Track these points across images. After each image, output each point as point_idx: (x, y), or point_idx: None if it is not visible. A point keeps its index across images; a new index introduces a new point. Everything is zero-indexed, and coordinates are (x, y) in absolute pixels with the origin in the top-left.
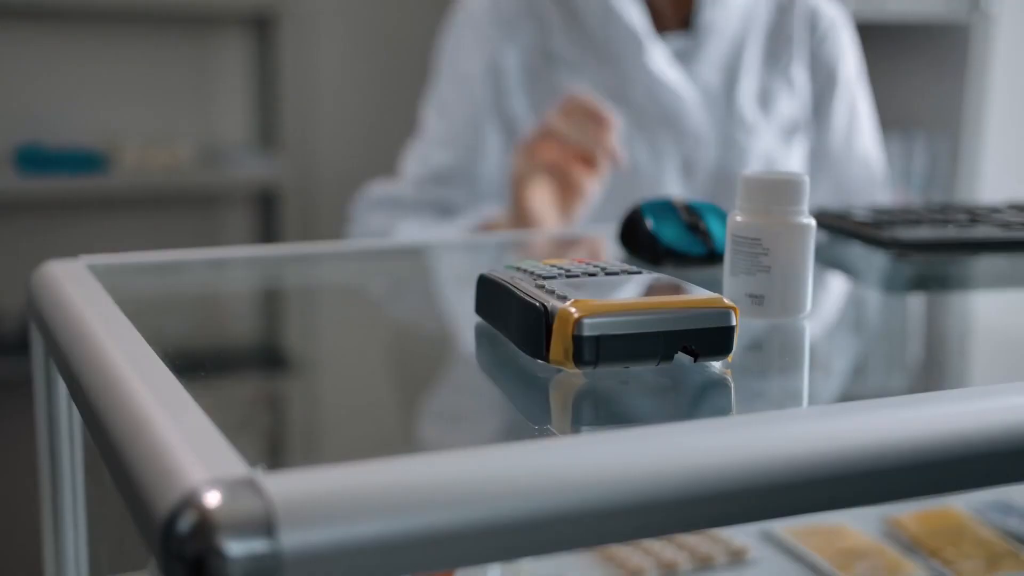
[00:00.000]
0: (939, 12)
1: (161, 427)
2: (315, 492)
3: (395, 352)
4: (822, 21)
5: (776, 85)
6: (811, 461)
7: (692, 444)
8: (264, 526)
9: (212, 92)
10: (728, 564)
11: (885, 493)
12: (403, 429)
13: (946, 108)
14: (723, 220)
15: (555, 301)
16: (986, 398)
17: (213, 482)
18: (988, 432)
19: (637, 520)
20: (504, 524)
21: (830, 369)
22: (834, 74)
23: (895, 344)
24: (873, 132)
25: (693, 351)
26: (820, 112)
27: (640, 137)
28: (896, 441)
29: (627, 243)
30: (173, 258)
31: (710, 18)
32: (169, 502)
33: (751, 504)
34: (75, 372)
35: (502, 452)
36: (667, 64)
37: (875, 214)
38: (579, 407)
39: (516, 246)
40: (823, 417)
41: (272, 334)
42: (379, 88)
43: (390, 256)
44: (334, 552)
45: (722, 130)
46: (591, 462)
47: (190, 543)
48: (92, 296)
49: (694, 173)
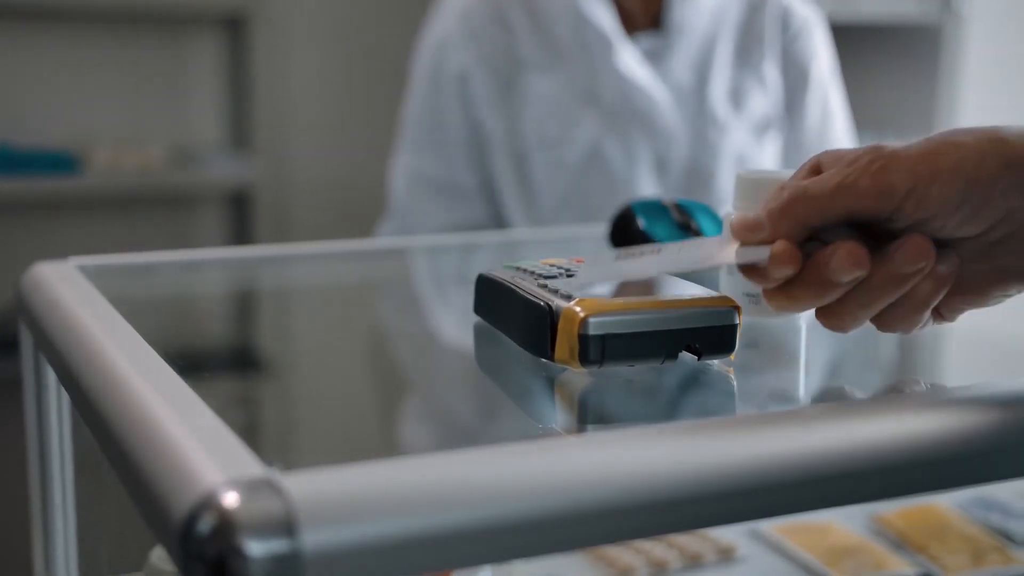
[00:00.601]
0: (911, 13)
1: (173, 428)
2: (334, 491)
3: (397, 352)
4: (794, 20)
5: (748, 83)
6: (818, 458)
7: (703, 443)
8: (285, 526)
9: (185, 93)
10: (717, 562)
11: (886, 490)
12: (415, 428)
13: (918, 109)
14: (713, 219)
15: (560, 300)
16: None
17: (231, 482)
18: (974, 431)
19: (668, 515)
20: (525, 522)
21: (831, 367)
22: (806, 72)
23: (890, 342)
24: (847, 131)
25: (697, 349)
26: (792, 110)
27: (613, 137)
28: (890, 440)
29: (618, 242)
30: (162, 259)
31: (680, 17)
32: (187, 504)
33: (761, 501)
34: (76, 375)
35: (522, 450)
36: (637, 64)
37: None
38: (590, 405)
39: (499, 247)
40: (825, 415)
41: (272, 334)
42: (352, 89)
43: (381, 256)
44: (355, 551)
45: (694, 128)
46: (613, 460)
47: (210, 544)
48: (88, 298)
49: (667, 171)
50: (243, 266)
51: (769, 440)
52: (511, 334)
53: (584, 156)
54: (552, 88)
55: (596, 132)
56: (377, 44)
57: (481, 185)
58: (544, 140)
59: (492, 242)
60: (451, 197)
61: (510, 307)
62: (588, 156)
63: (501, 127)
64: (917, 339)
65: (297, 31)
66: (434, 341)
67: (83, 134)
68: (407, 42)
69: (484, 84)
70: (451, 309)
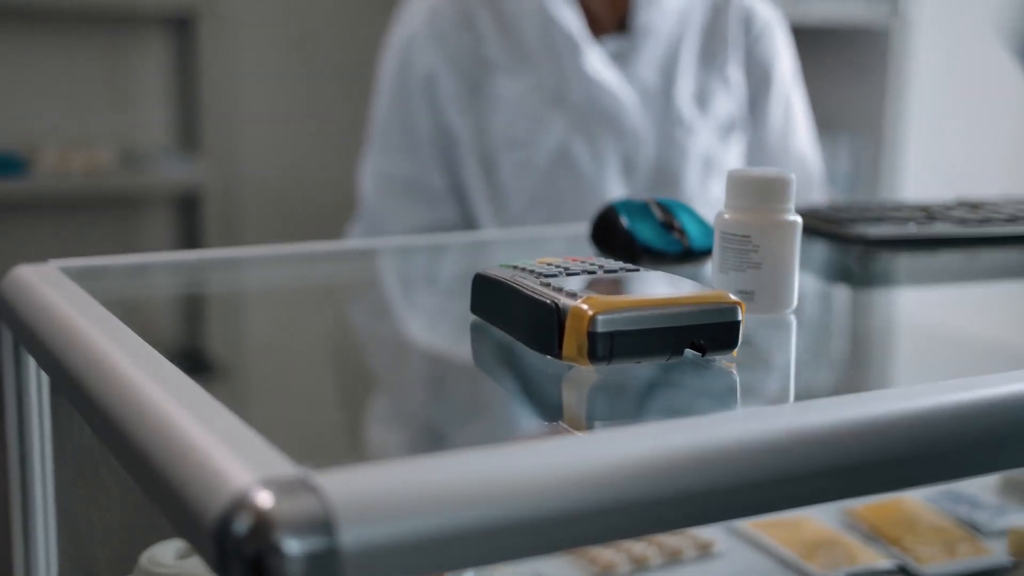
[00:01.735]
0: (861, 16)
1: (197, 429)
2: (370, 489)
3: (399, 352)
4: (757, 21)
5: (713, 84)
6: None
7: (729, 432)
8: (322, 523)
9: (132, 94)
10: (697, 557)
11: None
12: (429, 426)
13: (868, 110)
14: (694, 218)
15: (566, 299)
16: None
17: (265, 481)
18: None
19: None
20: (564, 516)
21: (826, 362)
22: (769, 73)
23: (879, 338)
24: (809, 132)
25: (701, 346)
26: (756, 111)
27: (580, 138)
28: (881, 434)
29: (600, 242)
30: (143, 260)
31: (646, 19)
32: (220, 504)
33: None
34: (78, 379)
35: (561, 445)
36: (604, 66)
37: (836, 212)
38: (608, 400)
39: (467, 249)
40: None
41: (273, 334)
42: (302, 90)
43: (350, 258)
44: (391, 547)
45: (661, 129)
46: (646, 453)
47: (248, 543)
48: (80, 301)
49: (634, 172)
50: (237, 266)
51: (774, 433)
52: (514, 332)
53: (552, 157)
54: (519, 90)
55: (564, 133)
56: (326, 44)
57: (450, 186)
58: (512, 141)
59: (459, 243)
60: (420, 198)
61: (514, 306)
62: (556, 157)
63: (469, 128)
64: (906, 334)
65: (245, 31)
66: (436, 341)
67: (30, 136)
68: (357, 42)
69: (451, 85)
70: (449, 308)
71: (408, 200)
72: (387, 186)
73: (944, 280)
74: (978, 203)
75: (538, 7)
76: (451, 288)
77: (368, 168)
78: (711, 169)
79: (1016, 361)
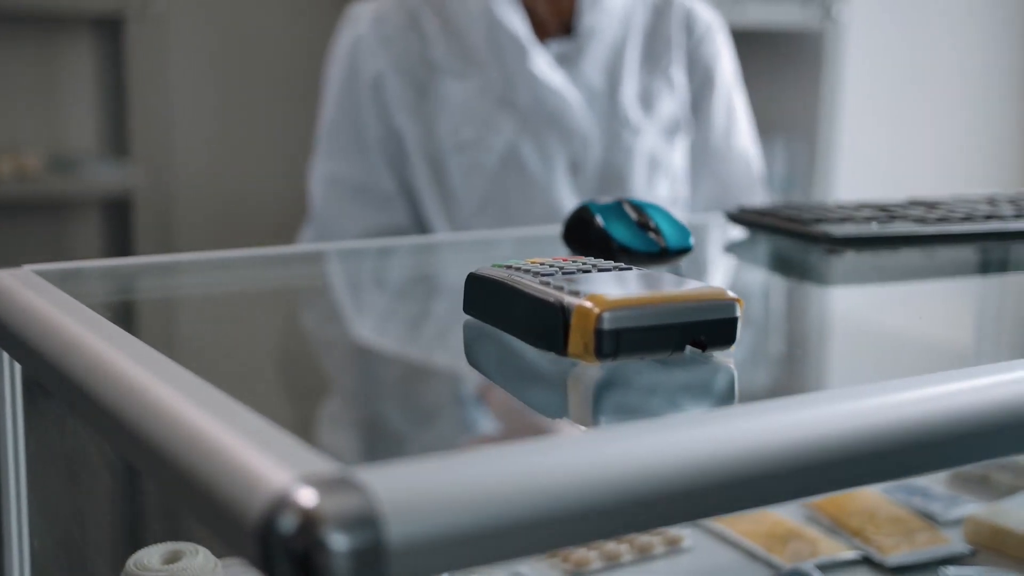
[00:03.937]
0: (795, 20)
1: (225, 430)
2: (414, 484)
3: (399, 353)
4: (699, 24)
5: (657, 85)
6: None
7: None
8: (368, 519)
9: (60, 97)
10: (666, 553)
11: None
12: (447, 423)
13: (801, 112)
14: (667, 217)
15: (569, 297)
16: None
17: (307, 479)
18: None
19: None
20: (611, 506)
21: (817, 359)
22: (711, 75)
23: (846, 336)
24: (750, 132)
25: (702, 342)
26: (699, 111)
27: (528, 139)
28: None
29: (573, 242)
30: (116, 264)
31: (590, 22)
32: (262, 504)
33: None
34: (80, 383)
35: (605, 436)
36: (550, 68)
37: (800, 211)
38: (622, 396)
39: (417, 251)
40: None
41: (275, 334)
42: (232, 92)
43: (352, 257)
44: (437, 542)
45: (607, 130)
46: (685, 444)
47: (295, 541)
48: (68, 305)
49: (582, 172)
50: (218, 268)
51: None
52: (515, 331)
53: (500, 159)
54: (467, 92)
55: (512, 135)
56: (259, 47)
57: (400, 189)
58: (460, 144)
59: (408, 246)
60: (370, 202)
61: (515, 305)
62: (504, 159)
63: (417, 131)
64: (870, 337)
65: (176, 33)
66: (435, 340)
67: None
68: (290, 44)
69: (398, 88)
70: (441, 308)
71: (358, 203)
72: (337, 190)
73: (907, 277)
74: (933, 203)
75: (484, 10)
76: (435, 289)
77: (317, 172)
78: (657, 169)
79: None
